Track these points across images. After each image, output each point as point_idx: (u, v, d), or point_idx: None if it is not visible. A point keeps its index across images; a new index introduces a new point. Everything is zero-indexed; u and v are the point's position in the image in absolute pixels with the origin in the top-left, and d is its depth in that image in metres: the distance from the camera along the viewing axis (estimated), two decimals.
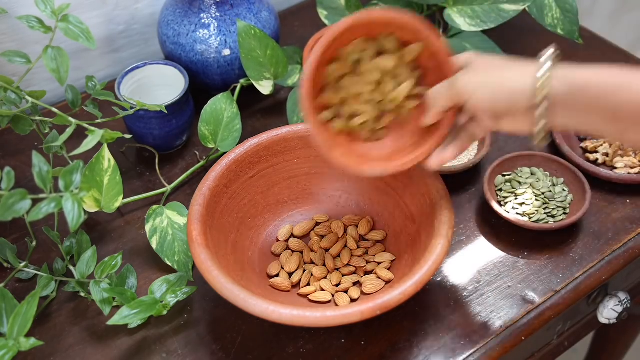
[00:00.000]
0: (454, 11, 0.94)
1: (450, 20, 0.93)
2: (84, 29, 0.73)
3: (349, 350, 0.67)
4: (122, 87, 0.83)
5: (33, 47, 0.91)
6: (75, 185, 0.61)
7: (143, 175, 0.85)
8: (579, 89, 0.54)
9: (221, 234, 0.70)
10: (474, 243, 0.76)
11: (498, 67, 0.59)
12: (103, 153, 0.70)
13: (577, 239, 0.76)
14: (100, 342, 0.68)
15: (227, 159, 0.72)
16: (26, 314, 0.56)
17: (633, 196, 0.80)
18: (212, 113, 0.83)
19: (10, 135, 0.89)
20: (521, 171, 0.81)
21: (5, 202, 0.55)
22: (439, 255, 0.62)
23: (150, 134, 0.84)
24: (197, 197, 0.68)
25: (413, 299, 0.70)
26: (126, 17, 0.98)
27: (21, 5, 0.88)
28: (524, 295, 0.71)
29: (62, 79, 0.71)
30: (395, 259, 0.73)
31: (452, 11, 0.94)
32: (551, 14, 0.86)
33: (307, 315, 0.58)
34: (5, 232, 0.78)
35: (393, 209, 0.75)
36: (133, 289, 0.72)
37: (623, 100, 0.52)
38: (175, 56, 0.89)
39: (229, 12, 0.88)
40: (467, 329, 0.68)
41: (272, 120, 0.92)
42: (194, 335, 0.69)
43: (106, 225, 0.80)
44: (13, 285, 0.73)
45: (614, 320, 0.80)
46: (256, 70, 0.87)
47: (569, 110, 0.55)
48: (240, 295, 0.60)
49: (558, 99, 0.54)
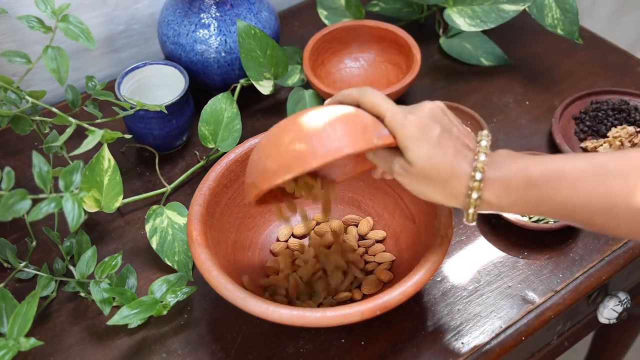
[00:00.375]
0: (454, 11, 0.94)
1: (450, 21, 0.93)
2: (84, 29, 0.73)
3: (349, 350, 0.67)
4: (122, 87, 0.83)
5: (33, 47, 0.91)
6: (75, 185, 0.61)
7: (143, 175, 0.85)
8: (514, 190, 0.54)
9: (221, 234, 0.70)
10: (474, 243, 0.76)
11: (449, 149, 0.55)
12: (103, 153, 0.70)
13: (577, 239, 0.76)
14: (100, 342, 0.68)
15: (227, 159, 0.72)
16: (26, 314, 0.56)
17: None
18: (212, 113, 0.83)
19: (10, 135, 0.89)
20: None
21: (5, 202, 0.55)
22: (438, 256, 0.62)
23: (150, 134, 0.84)
24: (197, 197, 0.68)
25: (413, 299, 0.70)
26: (126, 17, 0.98)
27: (21, 5, 0.88)
28: (524, 295, 0.71)
29: (62, 79, 0.71)
30: (395, 259, 0.73)
31: (452, 11, 0.94)
32: (551, 14, 0.86)
33: (307, 315, 0.58)
34: (5, 232, 0.78)
35: (393, 209, 0.75)
36: (133, 289, 0.72)
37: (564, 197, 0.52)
38: (175, 56, 0.89)
39: (229, 12, 0.88)
40: (467, 329, 0.68)
41: (272, 120, 0.92)
42: (194, 335, 0.69)
43: (106, 225, 0.80)
44: (13, 285, 0.73)
45: (614, 320, 0.80)
46: (256, 70, 0.87)
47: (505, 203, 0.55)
48: (240, 295, 0.60)
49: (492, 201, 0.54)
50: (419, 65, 0.89)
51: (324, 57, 0.95)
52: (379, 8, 1.03)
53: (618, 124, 0.86)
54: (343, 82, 0.96)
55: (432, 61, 1.00)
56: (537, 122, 0.90)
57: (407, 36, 0.92)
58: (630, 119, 0.86)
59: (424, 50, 0.98)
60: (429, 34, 1.04)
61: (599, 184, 0.51)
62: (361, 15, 0.98)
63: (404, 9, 1.03)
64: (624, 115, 0.86)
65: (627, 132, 0.83)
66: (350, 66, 0.97)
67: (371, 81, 0.96)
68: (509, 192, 0.54)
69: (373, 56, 0.97)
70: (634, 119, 0.86)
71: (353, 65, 0.97)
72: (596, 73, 0.97)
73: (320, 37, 0.93)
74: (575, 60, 0.98)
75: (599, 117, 0.87)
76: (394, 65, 0.95)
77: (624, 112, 0.87)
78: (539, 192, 0.53)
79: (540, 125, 0.89)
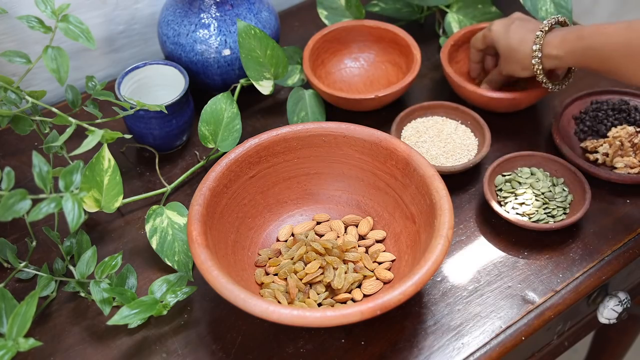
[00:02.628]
0: (455, 19, 0.98)
1: (450, 29, 0.97)
2: (84, 29, 0.73)
3: (349, 350, 0.67)
4: (122, 87, 0.83)
5: (33, 47, 0.91)
6: (75, 185, 0.61)
7: (143, 175, 0.85)
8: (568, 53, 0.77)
9: (221, 234, 0.70)
10: (474, 243, 0.76)
11: (521, 30, 0.81)
12: (103, 153, 0.70)
13: (577, 239, 0.76)
14: (100, 342, 0.68)
15: (227, 159, 0.72)
16: (25, 314, 0.56)
17: (633, 196, 0.80)
18: (212, 113, 0.83)
19: (10, 135, 0.89)
20: (521, 171, 0.81)
21: (5, 202, 0.55)
22: (439, 255, 0.62)
23: (150, 134, 0.84)
24: (197, 197, 0.68)
25: (413, 299, 0.70)
26: (126, 17, 0.98)
27: (21, 5, 0.88)
28: (524, 295, 0.71)
29: (62, 79, 0.71)
30: (395, 259, 0.73)
31: (452, 19, 0.97)
32: (545, 8, 0.87)
33: (307, 315, 0.58)
34: (5, 232, 0.78)
35: (393, 209, 0.75)
36: (133, 289, 0.72)
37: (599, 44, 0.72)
38: (175, 56, 0.89)
39: (229, 12, 0.88)
40: (467, 329, 0.68)
41: (272, 120, 0.92)
42: (194, 335, 0.69)
43: (106, 225, 0.80)
44: (13, 285, 0.73)
45: (614, 320, 0.80)
46: (256, 70, 0.87)
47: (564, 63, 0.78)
48: (240, 295, 0.60)
49: (549, 62, 0.79)
50: (419, 65, 0.89)
51: (324, 57, 0.95)
52: (379, 8, 1.03)
53: (618, 124, 0.86)
54: (343, 82, 0.96)
55: (432, 61, 1.00)
56: (537, 122, 0.90)
57: (407, 36, 0.92)
58: (630, 119, 0.86)
59: (424, 50, 0.98)
60: (429, 34, 1.04)
61: (625, 37, 0.70)
62: (361, 15, 0.98)
63: (404, 9, 1.03)
64: (624, 115, 0.86)
65: (627, 132, 0.83)
66: (350, 66, 0.97)
67: (371, 81, 0.96)
68: (563, 44, 0.76)
69: (373, 56, 0.97)
70: (634, 119, 0.86)
71: (353, 65, 0.97)
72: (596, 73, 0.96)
73: (320, 37, 0.93)
74: None
75: (599, 117, 0.87)
76: (394, 65, 0.95)
77: (624, 112, 0.87)
78: (585, 43, 0.74)
79: (540, 125, 0.89)
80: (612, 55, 0.71)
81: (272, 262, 0.73)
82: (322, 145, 0.76)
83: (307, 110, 0.89)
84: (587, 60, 0.75)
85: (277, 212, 0.77)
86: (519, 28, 0.81)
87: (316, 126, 0.76)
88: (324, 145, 0.76)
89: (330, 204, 0.79)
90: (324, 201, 0.79)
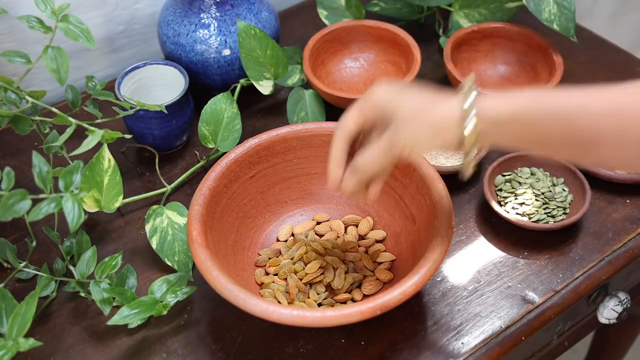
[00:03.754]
0: (461, 15, 0.96)
1: (457, 26, 0.95)
2: (84, 29, 0.73)
3: (349, 350, 0.67)
4: (122, 87, 0.83)
5: (33, 47, 0.91)
6: (75, 185, 0.61)
7: (143, 175, 0.85)
8: (505, 123, 0.53)
9: (221, 234, 0.70)
10: (474, 243, 0.76)
11: (424, 111, 0.56)
12: (103, 153, 0.70)
13: (577, 239, 0.76)
14: (100, 342, 0.68)
15: (227, 159, 0.72)
16: (25, 314, 0.56)
17: (633, 196, 0.80)
18: (212, 113, 0.83)
19: (10, 135, 0.89)
20: (521, 171, 0.81)
21: (5, 202, 0.55)
22: (439, 255, 0.62)
23: (150, 134, 0.84)
24: (197, 197, 0.68)
25: (413, 299, 0.70)
26: (126, 17, 0.98)
27: (21, 5, 0.88)
28: (524, 295, 0.71)
29: (62, 79, 0.71)
30: (395, 259, 0.73)
31: (458, 16, 0.96)
32: (548, 9, 0.87)
33: (307, 315, 0.58)
34: (5, 232, 0.78)
35: (393, 209, 0.75)
36: (133, 289, 0.72)
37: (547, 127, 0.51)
38: (175, 56, 0.89)
39: (229, 12, 0.88)
40: (467, 329, 0.68)
41: (272, 120, 0.92)
42: (194, 335, 0.69)
43: (106, 225, 0.80)
44: (13, 285, 0.73)
45: (614, 320, 0.80)
46: (256, 70, 0.87)
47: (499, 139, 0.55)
48: (240, 295, 0.60)
49: (487, 137, 0.54)
50: (419, 65, 0.89)
51: (324, 57, 0.95)
52: (379, 8, 1.03)
53: None
54: (343, 82, 0.96)
55: (432, 61, 1.00)
56: None
57: (407, 36, 0.92)
58: None
59: (424, 50, 0.98)
60: (429, 34, 1.04)
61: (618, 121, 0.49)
62: (361, 15, 0.98)
63: (404, 9, 1.03)
64: None
65: None
66: (350, 66, 0.97)
67: (371, 81, 0.96)
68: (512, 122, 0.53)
69: (373, 56, 0.97)
70: None
71: (353, 65, 0.97)
72: (596, 73, 0.96)
73: (320, 37, 0.93)
74: (575, 60, 0.98)
75: None
76: (394, 65, 0.95)
77: None
78: (550, 121, 0.51)
79: None
80: (596, 142, 0.50)
81: (272, 262, 0.73)
82: (322, 145, 0.76)
83: (307, 110, 0.89)
84: (541, 141, 0.53)
85: (277, 212, 0.77)
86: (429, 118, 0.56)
87: (316, 126, 0.76)
88: (324, 145, 0.76)
89: (330, 204, 0.79)
90: (324, 201, 0.79)
